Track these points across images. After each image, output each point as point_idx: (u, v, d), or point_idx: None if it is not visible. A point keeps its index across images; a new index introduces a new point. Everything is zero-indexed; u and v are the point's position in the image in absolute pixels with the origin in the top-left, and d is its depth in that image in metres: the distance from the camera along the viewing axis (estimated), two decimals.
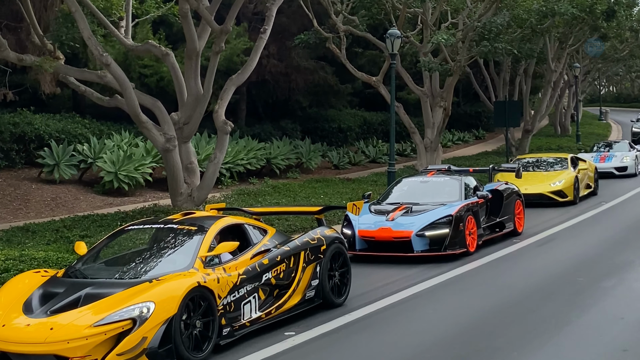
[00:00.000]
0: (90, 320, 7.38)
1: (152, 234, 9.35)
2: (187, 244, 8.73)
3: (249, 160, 23.97)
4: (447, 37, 23.61)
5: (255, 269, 8.85)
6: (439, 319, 9.48)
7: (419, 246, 13.07)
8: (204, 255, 8.44)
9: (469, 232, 13.51)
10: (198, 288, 7.89)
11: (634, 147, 28.86)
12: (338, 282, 10.09)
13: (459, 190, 14.43)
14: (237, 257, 8.84)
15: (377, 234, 13.24)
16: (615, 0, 32.73)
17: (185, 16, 16.60)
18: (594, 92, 76.89)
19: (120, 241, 9.46)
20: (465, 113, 43.13)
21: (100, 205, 18.88)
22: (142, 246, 9.26)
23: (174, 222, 9.20)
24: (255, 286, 8.79)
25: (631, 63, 56.27)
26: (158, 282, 7.85)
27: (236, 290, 8.50)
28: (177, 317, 7.56)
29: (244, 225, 9.48)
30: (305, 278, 9.53)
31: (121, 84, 16.38)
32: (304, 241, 9.74)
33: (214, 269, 8.40)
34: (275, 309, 9.03)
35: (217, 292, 8.16)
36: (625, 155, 27.11)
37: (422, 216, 13.38)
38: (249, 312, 8.66)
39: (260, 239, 9.40)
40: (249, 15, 28.94)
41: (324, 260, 9.81)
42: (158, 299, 7.55)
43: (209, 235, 8.75)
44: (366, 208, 13.92)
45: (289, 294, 9.28)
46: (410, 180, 15.69)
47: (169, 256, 8.67)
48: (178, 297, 7.62)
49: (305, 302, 9.52)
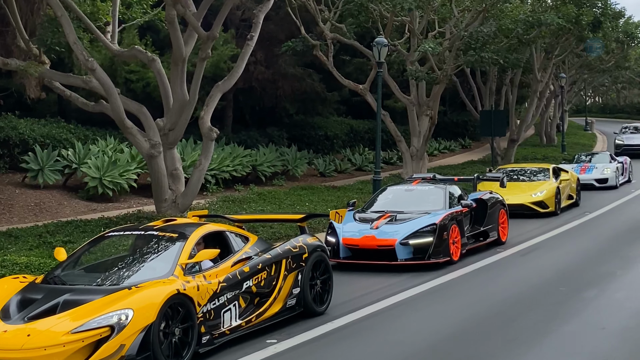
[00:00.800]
0: (68, 327, 7.32)
1: (132, 241, 9.31)
2: (167, 251, 8.69)
3: (235, 167, 23.93)
4: (434, 46, 23.69)
5: (236, 276, 8.81)
6: (421, 327, 9.48)
7: (402, 254, 13.09)
8: (184, 263, 8.40)
9: (453, 241, 13.56)
10: (177, 295, 7.85)
11: (615, 159, 28.50)
12: (320, 291, 10.05)
13: (443, 199, 14.47)
14: (218, 265, 8.81)
15: (361, 242, 13.23)
16: (601, 11, 33.00)
17: (172, 22, 16.58)
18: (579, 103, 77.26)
19: (100, 247, 9.41)
20: (451, 122, 43.24)
21: (84, 211, 18.79)
22: (122, 253, 9.21)
23: (155, 229, 9.14)
24: (235, 294, 8.74)
25: (617, 74, 56.59)
26: (137, 289, 7.79)
27: (216, 298, 8.45)
28: (156, 325, 7.51)
29: (225, 233, 9.44)
30: (287, 286, 9.50)
31: (106, 89, 16.33)
32: (285, 249, 9.71)
33: (194, 276, 8.36)
34: (256, 317, 9.00)
35: (197, 300, 8.12)
36: (606, 167, 26.70)
37: (406, 224, 13.41)
38: (229, 320, 8.61)
39: (241, 246, 9.36)
40: (237, 22, 28.94)
41: (305, 269, 9.78)
42: (137, 306, 7.50)
43: (190, 243, 8.71)
44: (350, 216, 13.94)
45: (270, 302, 9.24)
46: (395, 188, 15.72)
47: (149, 263, 8.61)
48: (157, 304, 7.58)
49: (287, 311, 9.49)
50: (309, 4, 25.67)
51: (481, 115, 32.16)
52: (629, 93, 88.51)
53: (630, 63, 53.02)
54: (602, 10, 33.13)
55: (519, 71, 36.41)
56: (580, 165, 26.94)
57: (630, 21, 41.78)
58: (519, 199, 19.74)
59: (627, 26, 40.79)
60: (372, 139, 32.50)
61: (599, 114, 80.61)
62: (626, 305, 10.29)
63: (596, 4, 32.84)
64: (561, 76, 41.27)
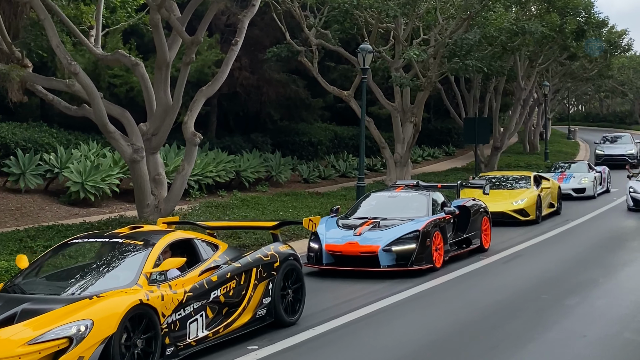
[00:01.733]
0: (25, 337, 7.04)
1: (97, 248, 9.04)
2: (131, 260, 8.43)
3: (218, 173, 23.86)
4: (419, 53, 23.75)
5: (203, 286, 8.57)
6: (404, 334, 9.45)
7: (385, 261, 13.05)
8: (149, 272, 8.15)
9: (436, 247, 13.55)
10: (140, 306, 7.61)
11: (594, 168, 27.97)
12: (291, 300, 9.83)
13: (426, 205, 14.47)
14: (185, 274, 8.57)
15: (344, 248, 13.19)
16: (584, 20, 33.25)
17: (156, 26, 16.52)
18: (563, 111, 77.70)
19: (64, 255, 9.10)
20: (435, 129, 43.37)
21: (66, 216, 18.66)
22: (86, 260, 8.94)
23: (120, 237, 8.85)
24: (202, 304, 8.51)
25: (600, 83, 56.95)
26: (99, 299, 7.54)
27: (182, 308, 8.22)
28: (117, 337, 7.27)
29: (193, 241, 9.18)
30: (257, 296, 9.27)
31: (89, 93, 16.24)
32: (256, 257, 9.46)
33: (159, 285, 8.12)
34: (224, 327, 8.75)
35: (161, 310, 7.88)
36: (584, 177, 26.21)
37: (390, 231, 13.37)
38: (195, 331, 8.37)
39: (210, 254, 9.12)
40: (222, 27, 28.91)
41: (276, 278, 9.54)
42: (97, 316, 7.25)
43: (155, 251, 8.46)
44: (334, 222, 13.96)
45: (239, 313, 9.01)
46: (379, 195, 15.69)
47: (112, 272, 8.35)
48: (118, 315, 7.35)
49: (257, 321, 9.25)
50: (294, 10, 25.68)
51: (465, 123, 32.26)
52: (611, 102, 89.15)
53: (613, 72, 53.40)
54: (585, 19, 33.42)
55: (503, 79, 36.59)
56: (558, 174, 26.42)
57: (613, 30, 42.08)
58: (500, 206, 19.54)
59: (610, 35, 41.09)
60: (356, 146, 32.52)
61: (582, 123, 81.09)
62: (608, 312, 10.31)
63: (580, 12, 33.12)
64: (545, 84, 41.49)
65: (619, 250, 16.03)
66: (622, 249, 16.17)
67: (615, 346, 8.72)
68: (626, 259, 14.91)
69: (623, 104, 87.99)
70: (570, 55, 37.46)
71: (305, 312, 10.32)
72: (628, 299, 11.14)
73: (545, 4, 30.65)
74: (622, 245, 16.72)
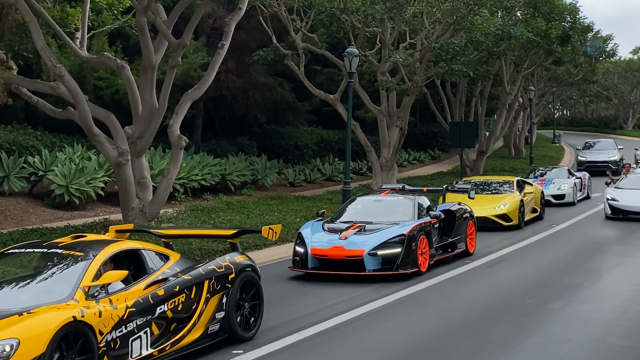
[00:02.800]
0: None
1: (35, 259, 8.47)
2: (69, 272, 7.81)
3: (204, 176, 23.81)
4: (405, 57, 23.80)
5: (148, 300, 8.00)
6: (389, 338, 9.45)
7: (371, 265, 13.03)
8: (87, 285, 7.56)
9: (421, 252, 13.53)
10: (73, 323, 7.00)
11: (574, 174, 27.24)
12: (247, 314, 9.27)
13: (412, 209, 14.45)
14: (129, 287, 8.01)
15: (329, 252, 13.16)
16: (570, 25, 33.44)
17: (142, 29, 16.48)
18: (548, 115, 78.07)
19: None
20: (421, 133, 43.48)
21: (50, 219, 18.56)
22: (22, 272, 8.46)
23: (60, 246, 8.27)
24: (147, 320, 7.95)
25: (585, 87, 57.29)
26: (29, 315, 6.92)
27: (123, 325, 7.64)
28: (46, 357, 6.66)
29: (140, 251, 8.62)
30: (209, 310, 8.72)
31: (74, 96, 16.17)
32: (209, 269, 8.88)
33: (98, 301, 7.54)
34: (171, 345, 8.22)
35: (98, 328, 7.31)
36: (564, 183, 25.65)
37: (375, 235, 13.35)
38: (138, 349, 7.80)
39: (159, 266, 8.59)
40: (208, 30, 28.86)
41: (231, 291, 8.97)
42: (24, 335, 6.65)
43: (96, 263, 7.86)
44: (319, 226, 13.92)
45: (188, 328, 8.46)
46: (365, 198, 15.68)
47: (48, 285, 7.74)
48: (47, 333, 6.73)
49: (209, 337, 8.71)
50: (280, 14, 25.68)
51: (451, 127, 32.35)
52: (596, 106, 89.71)
53: (598, 77, 53.72)
54: (571, 24, 33.62)
55: (489, 83, 36.74)
56: (537, 180, 25.61)
57: (598, 35, 42.34)
58: (482, 211, 19.30)
59: (595, 40, 41.32)
60: (342, 149, 32.55)
61: (567, 127, 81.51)
62: (592, 317, 10.35)
63: (565, 18, 33.31)
64: (530, 89, 41.68)
65: (603, 255, 16.13)
66: (606, 254, 16.27)
67: (600, 350, 8.75)
68: (610, 263, 15.01)
69: (608, 109, 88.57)
70: (556, 60, 37.66)
71: (291, 316, 10.31)
72: (612, 303, 11.20)
73: (531, 9, 30.80)
74: (606, 250, 16.82)
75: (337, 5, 24.32)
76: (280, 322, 10.12)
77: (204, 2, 17.53)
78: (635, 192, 21.56)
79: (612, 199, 21.51)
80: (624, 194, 21.57)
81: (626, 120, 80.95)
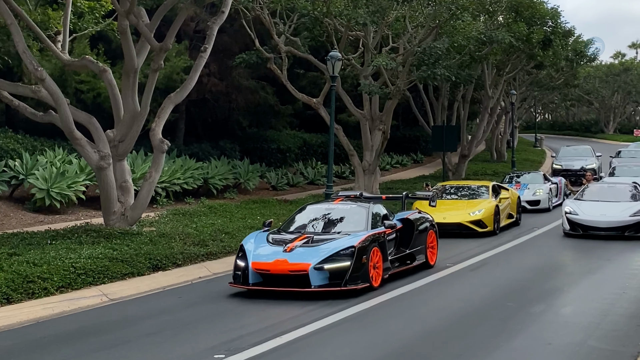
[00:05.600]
0: None
1: None
2: None
3: (186, 180, 23.74)
4: (388, 61, 23.85)
5: None
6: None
7: (317, 280, 11.90)
8: None
9: (374, 265, 12.44)
10: None
11: (550, 179, 26.75)
12: None
13: (365, 219, 13.29)
14: None
15: (272, 266, 12.02)
16: (551, 30, 33.65)
17: (124, 32, 16.42)
18: (529, 119, 78.57)
19: None
20: (404, 137, 43.59)
21: (31, 223, 18.44)
22: None
23: None
24: None
25: (566, 91, 57.62)
26: None
27: None
28: None
29: None
30: None
31: (55, 99, 16.08)
32: None
33: None
34: None
35: None
36: (539, 189, 25.04)
37: (323, 247, 12.23)
38: None
39: None
40: (190, 34, 28.81)
41: None
42: None
43: None
44: (264, 237, 12.81)
45: None
46: (315, 207, 14.35)
47: None
48: None
49: None
50: (263, 17, 25.67)
51: (433, 131, 32.46)
52: (577, 110, 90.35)
53: (579, 81, 54.05)
54: (552, 28, 33.83)
55: (471, 87, 36.91)
56: (512, 185, 24.93)
57: (579, 40, 42.63)
58: (457, 217, 18.91)
59: (576, 44, 41.62)
60: (325, 153, 32.57)
61: (549, 131, 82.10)
62: (573, 320, 10.42)
63: (547, 22, 33.51)
64: (512, 93, 41.90)
65: (583, 259, 16.20)
66: (587, 258, 16.30)
67: (580, 354, 8.79)
68: (591, 267, 15.06)
69: (589, 113, 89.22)
70: (537, 64, 37.86)
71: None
72: (593, 306, 11.26)
73: (513, 14, 30.96)
74: (587, 254, 16.85)
75: (320, 8, 24.34)
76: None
77: (186, 5, 17.50)
78: (597, 204, 19.31)
79: (571, 212, 19.11)
80: (585, 207, 19.23)
81: (607, 125, 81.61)
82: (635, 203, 19.30)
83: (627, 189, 20.48)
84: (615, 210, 18.87)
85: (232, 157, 28.86)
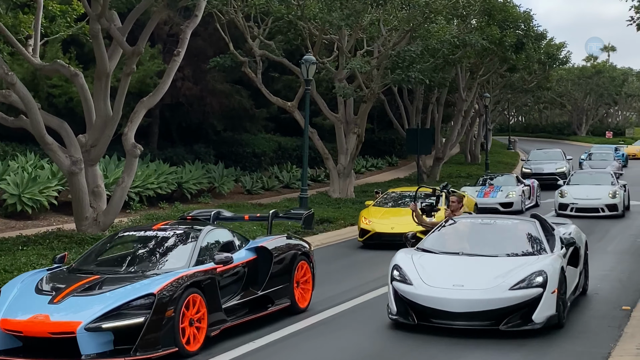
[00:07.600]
0: None
1: None
2: None
3: (160, 185, 23.60)
4: (362, 64, 23.90)
5: None
6: None
7: (90, 347, 8.18)
8: None
9: (192, 319, 8.75)
10: None
11: (522, 181, 26.54)
12: None
13: (190, 251, 9.58)
14: None
15: (25, 326, 8.34)
16: (524, 33, 33.90)
17: (96, 36, 16.28)
18: (503, 122, 79.07)
19: None
20: (379, 140, 43.70)
21: (2, 229, 18.22)
22: None
23: None
24: None
25: (539, 94, 58.10)
26: None
27: None
28: None
29: None
30: None
31: (26, 104, 15.90)
32: None
33: None
34: None
35: None
36: (512, 191, 24.81)
37: (107, 295, 8.56)
38: None
39: None
40: (164, 37, 28.67)
41: None
42: None
43: None
44: (35, 281, 9.11)
45: None
46: (128, 235, 10.52)
47: None
48: None
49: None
50: (238, 21, 25.61)
51: (408, 134, 32.56)
52: (550, 113, 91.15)
53: (552, 84, 54.53)
54: (525, 32, 34.07)
55: (445, 90, 37.09)
56: (485, 187, 25.11)
57: (551, 43, 42.99)
58: (403, 227, 15.90)
59: (548, 48, 41.98)
60: (300, 156, 32.51)
61: (522, 133, 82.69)
62: None
63: (519, 25, 33.76)
64: (485, 96, 42.16)
65: None
66: None
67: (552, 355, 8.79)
68: None
69: (562, 115, 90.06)
70: (510, 67, 38.13)
71: None
72: None
73: (486, 17, 31.14)
74: None
75: (295, 12, 24.33)
76: None
77: (159, 8, 17.39)
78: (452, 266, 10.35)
79: (400, 280, 10.03)
80: (430, 271, 10.02)
81: (580, 127, 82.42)
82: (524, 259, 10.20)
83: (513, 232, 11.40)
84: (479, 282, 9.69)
85: (206, 161, 28.74)
